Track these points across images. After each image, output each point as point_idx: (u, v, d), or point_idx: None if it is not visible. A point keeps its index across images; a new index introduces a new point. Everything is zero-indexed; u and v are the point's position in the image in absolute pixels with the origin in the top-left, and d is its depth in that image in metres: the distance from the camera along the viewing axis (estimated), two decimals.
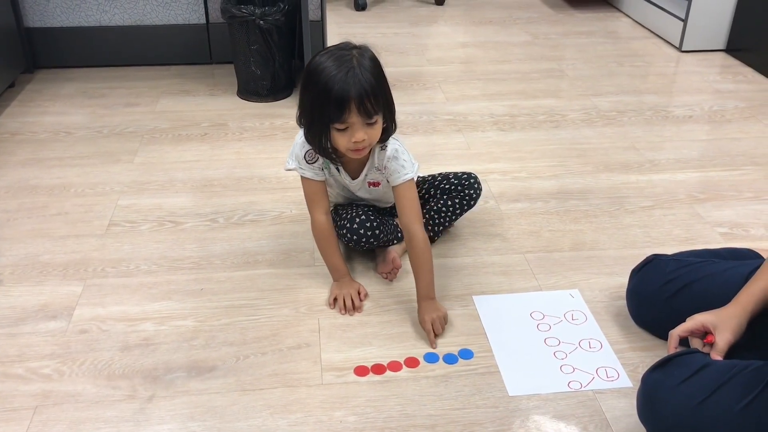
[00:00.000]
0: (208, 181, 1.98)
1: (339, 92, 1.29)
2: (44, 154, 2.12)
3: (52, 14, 2.65)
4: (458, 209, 1.67)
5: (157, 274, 1.60)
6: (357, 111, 1.31)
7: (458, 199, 1.66)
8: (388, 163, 1.46)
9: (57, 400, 1.27)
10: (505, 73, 2.78)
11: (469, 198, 1.67)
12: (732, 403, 1.05)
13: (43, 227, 1.77)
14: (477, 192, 1.68)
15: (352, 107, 1.31)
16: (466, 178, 1.67)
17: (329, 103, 1.31)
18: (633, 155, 2.15)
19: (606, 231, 1.77)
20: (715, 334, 1.17)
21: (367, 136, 1.35)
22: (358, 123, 1.33)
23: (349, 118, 1.32)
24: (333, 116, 1.32)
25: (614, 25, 3.36)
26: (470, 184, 1.66)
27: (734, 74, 2.78)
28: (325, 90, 1.30)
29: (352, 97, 1.30)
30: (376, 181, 1.53)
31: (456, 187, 1.67)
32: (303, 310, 1.50)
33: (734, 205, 1.89)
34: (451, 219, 1.68)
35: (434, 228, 1.67)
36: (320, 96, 1.32)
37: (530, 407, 1.27)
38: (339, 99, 1.30)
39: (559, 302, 1.53)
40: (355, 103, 1.30)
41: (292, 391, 1.30)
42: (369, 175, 1.52)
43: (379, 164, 1.48)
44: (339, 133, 1.35)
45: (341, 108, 1.31)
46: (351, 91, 1.29)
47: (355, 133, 1.34)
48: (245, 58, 2.43)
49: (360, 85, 1.30)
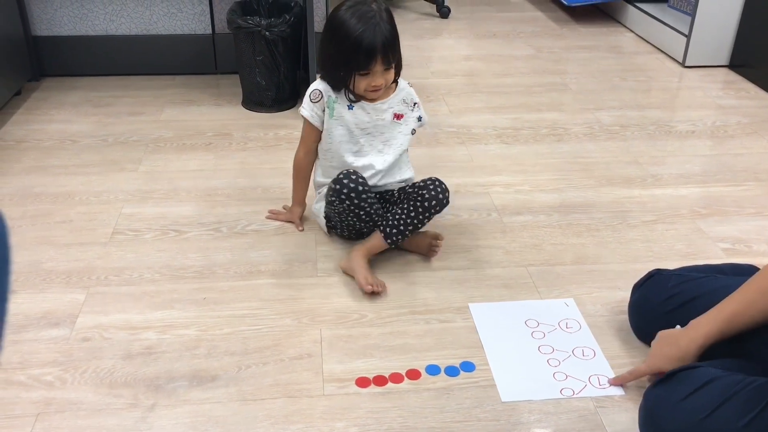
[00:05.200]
0: (212, 191, 1.99)
1: (368, 46, 1.50)
2: (49, 162, 2.13)
3: (59, 23, 2.67)
4: (413, 212, 1.61)
5: (160, 283, 1.61)
6: (381, 61, 1.53)
7: (413, 201, 1.62)
8: (417, 100, 1.69)
9: (59, 408, 1.28)
10: (509, 86, 2.79)
11: (423, 199, 1.61)
12: (734, 420, 1.05)
13: (47, 235, 1.78)
14: (432, 193, 1.61)
15: (378, 58, 1.52)
16: (425, 181, 1.65)
17: (358, 54, 1.51)
18: (636, 170, 2.15)
19: (608, 245, 1.78)
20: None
21: (384, 81, 1.57)
22: (380, 71, 1.55)
23: (374, 67, 1.53)
24: (360, 65, 1.53)
25: (618, 39, 3.37)
26: (426, 185, 1.63)
27: (737, 90, 2.78)
28: (355, 44, 1.51)
29: (378, 50, 1.51)
30: (400, 113, 1.68)
31: (414, 190, 1.65)
32: (305, 320, 1.50)
33: (736, 221, 1.89)
34: (407, 223, 1.62)
35: (388, 229, 1.62)
36: (348, 48, 1.52)
37: (531, 421, 1.27)
38: (367, 51, 1.51)
39: (554, 311, 1.54)
40: (381, 54, 1.52)
41: (294, 401, 1.30)
42: (396, 106, 1.67)
43: (407, 98, 1.68)
44: (360, 77, 1.56)
45: (369, 59, 1.52)
46: (377, 45, 1.51)
47: (377, 79, 1.56)
48: (250, 69, 2.44)
49: (384, 38, 1.52)
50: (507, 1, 4.02)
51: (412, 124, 1.70)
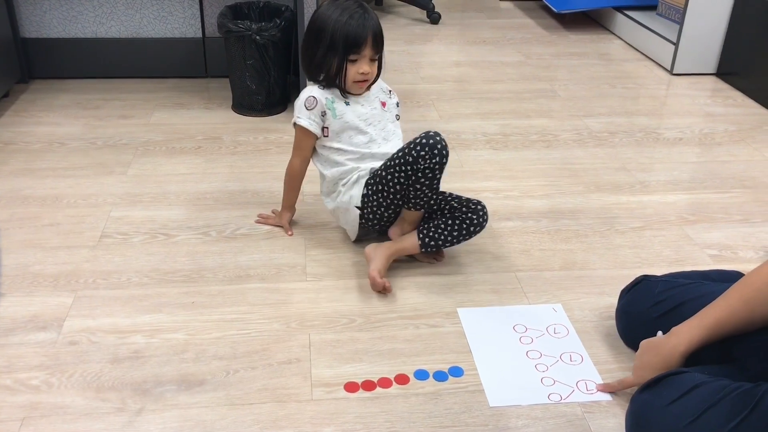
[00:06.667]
0: (201, 195, 1.99)
1: (358, 28, 1.57)
2: (37, 165, 2.12)
3: (48, 25, 2.66)
4: (456, 230, 1.64)
5: (149, 287, 1.60)
6: (371, 44, 1.58)
7: (459, 221, 1.65)
8: (389, 87, 1.75)
9: (45, 412, 1.27)
10: (498, 92, 2.80)
11: (470, 223, 1.64)
12: (720, 425, 1.06)
13: (35, 238, 1.77)
14: (480, 220, 1.66)
15: (369, 40, 1.58)
16: (476, 204, 1.67)
17: (348, 38, 1.56)
18: (624, 176, 2.17)
19: (596, 251, 1.79)
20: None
21: (370, 70, 1.62)
22: (368, 56, 1.59)
23: (364, 50, 1.58)
24: (352, 47, 1.57)
25: (607, 47, 3.40)
26: (476, 210, 1.66)
27: (724, 98, 2.81)
28: (345, 28, 1.56)
29: (369, 31, 1.58)
30: (383, 101, 1.73)
31: (463, 209, 1.67)
32: (294, 325, 1.50)
33: (723, 228, 1.91)
34: (446, 239, 1.65)
35: (427, 240, 1.64)
36: (339, 34, 1.56)
37: (519, 426, 1.27)
38: (357, 33, 1.56)
39: (542, 316, 1.55)
40: (372, 36, 1.58)
41: (282, 406, 1.30)
42: (379, 95, 1.73)
43: (383, 87, 1.74)
44: (350, 65, 1.60)
45: (360, 39, 1.57)
46: (368, 28, 1.58)
47: (363, 65, 1.60)
48: (240, 73, 2.44)
49: (375, 23, 1.59)
50: (497, 8, 4.04)
51: (394, 110, 1.76)
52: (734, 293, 1.21)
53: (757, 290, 1.18)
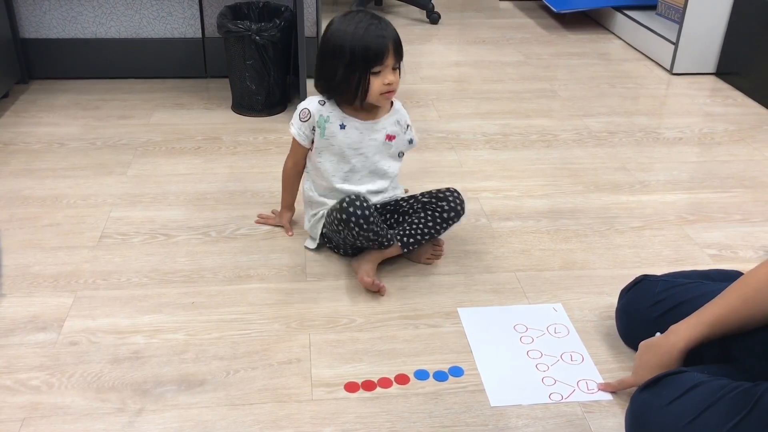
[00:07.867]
0: (201, 195, 1.99)
1: (378, 39, 1.51)
2: (37, 165, 2.12)
3: (48, 25, 2.66)
4: (430, 222, 1.64)
5: (149, 287, 1.60)
6: (393, 53, 1.53)
7: (430, 212, 1.65)
8: (410, 122, 1.70)
9: (45, 413, 1.27)
10: (498, 92, 2.80)
11: (441, 210, 1.64)
12: (719, 425, 1.06)
13: (35, 238, 1.77)
14: (452, 204, 1.64)
15: (390, 49, 1.52)
16: (444, 192, 1.66)
17: (368, 50, 1.50)
18: (623, 176, 2.17)
19: (596, 251, 1.79)
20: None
21: (395, 79, 1.55)
22: (390, 66, 1.53)
23: (386, 60, 1.52)
24: (373, 60, 1.51)
25: (606, 47, 3.40)
26: (445, 196, 1.65)
27: (724, 98, 2.81)
28: (364, 40, 1.50)
29: (390, 41, 1.52)
30: (393, 134, 1.66)
31: (432, 200, 1.66)
32: (294, 325, 1.50)
33: (723, 227, 1.91)
34: (424, 233, 1.64)
35: (405, 239, 1.64)
36: (358, 48, 1.50)
37: (520, 425, 1.27)
38: (378, 44, 1.51)
39: (543, 316, 1.55)
40: (392, 45, 1.53)
41: (282, 406, 1.30)
42: (389, 127, 1.65)
43: (401, 120, 1.67)
44: (374, 78, 1.53)
45: (381, 50, 1.51)
46: (388, 37, 1.52)
47: (388, 75, 1.53)
48: (240, 73, 2.44)
49: (392, 32, 1.54)
50: (497, 8, 4.04)
51: (402, 146, 1.69)
52: (733, 292, 1.21)
53: (755, 289, 1.18)
